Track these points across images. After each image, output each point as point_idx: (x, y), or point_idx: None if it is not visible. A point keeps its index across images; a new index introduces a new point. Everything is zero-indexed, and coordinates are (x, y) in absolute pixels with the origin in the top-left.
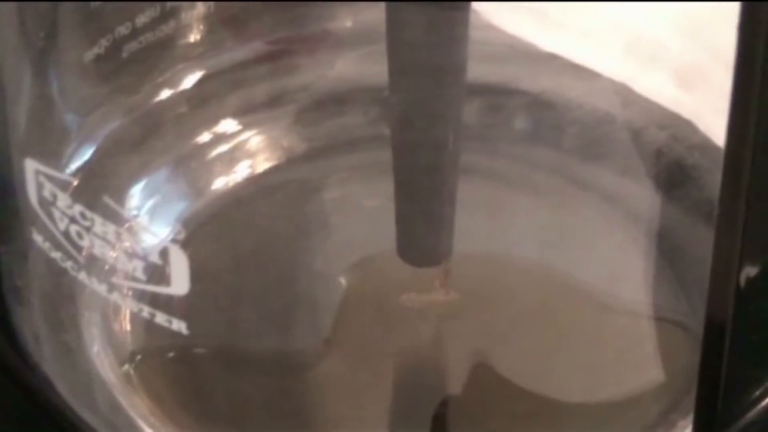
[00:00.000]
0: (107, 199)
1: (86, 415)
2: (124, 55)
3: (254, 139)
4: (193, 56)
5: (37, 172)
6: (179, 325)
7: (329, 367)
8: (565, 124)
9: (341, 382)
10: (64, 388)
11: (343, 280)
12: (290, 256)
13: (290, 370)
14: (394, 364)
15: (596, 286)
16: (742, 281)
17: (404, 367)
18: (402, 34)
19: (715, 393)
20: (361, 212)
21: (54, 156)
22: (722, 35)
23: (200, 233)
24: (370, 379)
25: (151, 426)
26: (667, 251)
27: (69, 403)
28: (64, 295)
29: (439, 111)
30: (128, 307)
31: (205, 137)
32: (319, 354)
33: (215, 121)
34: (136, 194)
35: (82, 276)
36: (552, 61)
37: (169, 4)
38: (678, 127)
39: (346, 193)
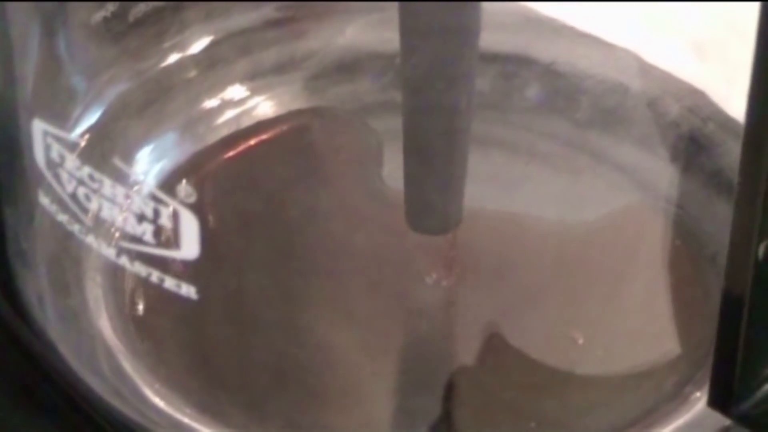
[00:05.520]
0: (117, 161)
1: (90, 381)
2: (131, 18)
3: (262, 105)
4: (201, 21)
5: (45, 133)
6: (188, 290)
7: (339, 335)
8: (579, 94)
9: (351, 350)
10: (68, 353)
11: (352, 248)
12: (297, 223)
13: (299, 336)
14: (405, 332)
15: (609, 256)
16: (761, 253)
17: (415, 335)
18: None
19: (731, 366)
20: (369, 180)
21: (61, 118)
22: (739, 6)
23: (207, 198)
24: (380, 347)
25: (155, 392)
26: (681, 221)
27: (73, 369)
28: (69, 259)
29: (452, 73)
30: (137, 271)
31: (213, 102)
32: (329, 321)
33: (223, 86)
34: (143, 158)
35: (90, 239)
36: (565, 30)
37: None
38: (692, 97)
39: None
